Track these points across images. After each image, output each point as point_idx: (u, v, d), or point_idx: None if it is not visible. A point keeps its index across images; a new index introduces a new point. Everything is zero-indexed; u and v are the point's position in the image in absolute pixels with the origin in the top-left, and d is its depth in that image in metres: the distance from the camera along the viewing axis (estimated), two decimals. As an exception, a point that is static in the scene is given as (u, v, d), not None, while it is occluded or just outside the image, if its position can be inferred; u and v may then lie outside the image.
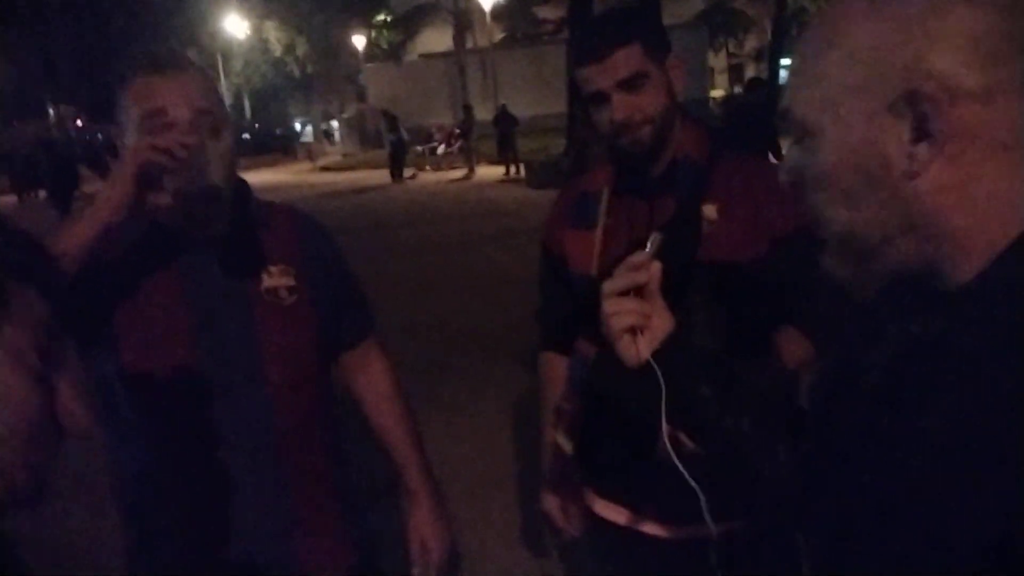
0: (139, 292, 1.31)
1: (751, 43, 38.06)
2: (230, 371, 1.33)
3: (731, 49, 39.68)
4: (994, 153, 0.63)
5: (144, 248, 1.32)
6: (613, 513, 1.57)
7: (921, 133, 0.63)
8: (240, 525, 1.35)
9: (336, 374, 1.56)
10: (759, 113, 8.10)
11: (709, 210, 1.41)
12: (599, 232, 1.51)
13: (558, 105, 18.98)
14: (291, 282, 1.39)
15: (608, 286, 0.91)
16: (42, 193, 17.62)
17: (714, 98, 34.56)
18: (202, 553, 1.36)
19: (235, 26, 32.89)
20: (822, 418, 0.80)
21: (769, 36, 32.56)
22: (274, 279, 1.38)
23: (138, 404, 1.32)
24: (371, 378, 1.59)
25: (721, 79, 39.80)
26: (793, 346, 1.37)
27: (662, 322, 0.91)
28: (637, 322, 0.90)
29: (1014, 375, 0.58)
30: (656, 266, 0.90)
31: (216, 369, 1.32)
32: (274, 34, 35.40)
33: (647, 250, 0.90)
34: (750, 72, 39.20)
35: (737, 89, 37.05)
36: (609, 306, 0.90)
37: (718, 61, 39.21)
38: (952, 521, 0.59)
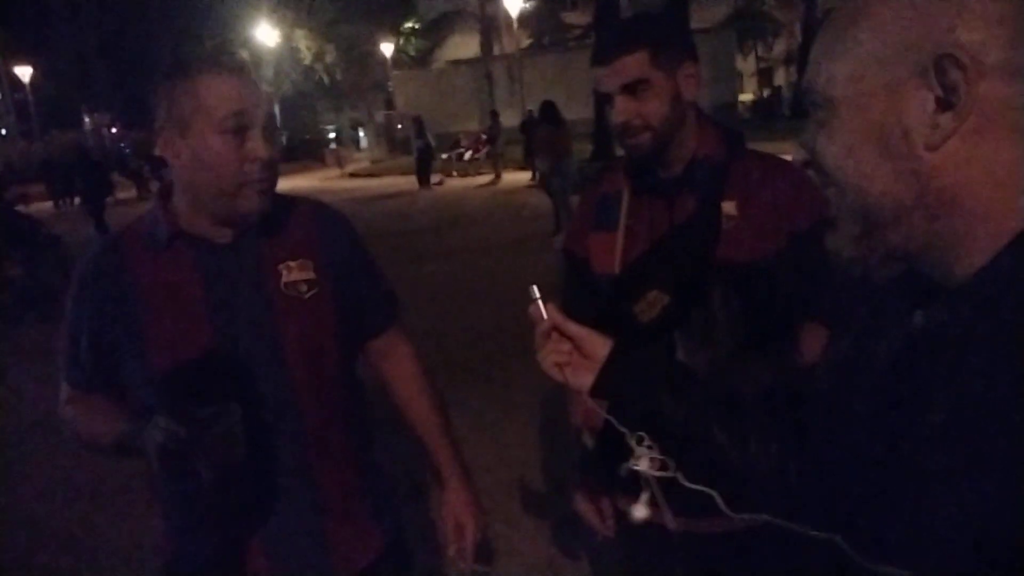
0: (161, 293, 1.34)
1: (780, 47, 37.75)
2: (253, 367, 1.36)
3: (760, 53, 39.40)
4: (1011, 135, 0.63)
5: (165, 249, 1.35)
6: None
7: (946, 103, 0.63)
8: (270, 514, 1.39)
9: (365, 365, 1.58)
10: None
11: (728, 207, 1.43)
12: (620, 233, 1.53)
13: (585, 111, 18.95)
14: (310, 275, 1.41)
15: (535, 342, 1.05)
16: (77, 200, 17.99)
17: (743, 102, 34.38)
18: (234, 541, 1.39)
19: (266, 35, 33.20)
20: (828, 408, 0.80)
21: (799, 39, 32.29)
22: (293, 274, 1.40)
23: (165, 402, 1.34)
24: (397, 364, 1.62)
25: (750, 83, 39.54)
26: (813, 340, 1.37)
27: (595, 347, 1.02)
28: (559, 359, 1.03)
29: (1016, 370, 0.58)
30: (547, 310, 1.02)
31: (239, 365, 1.35)
32: (304, 42, 35.72)
33: (533, 301, 1.02)
34: (780, 76, 38.90)
35: (766, 93, 36.81)
36: (538, 352, 1.04)
37: (747, 65, 38.94)
38: (954, 513, 0.59)
